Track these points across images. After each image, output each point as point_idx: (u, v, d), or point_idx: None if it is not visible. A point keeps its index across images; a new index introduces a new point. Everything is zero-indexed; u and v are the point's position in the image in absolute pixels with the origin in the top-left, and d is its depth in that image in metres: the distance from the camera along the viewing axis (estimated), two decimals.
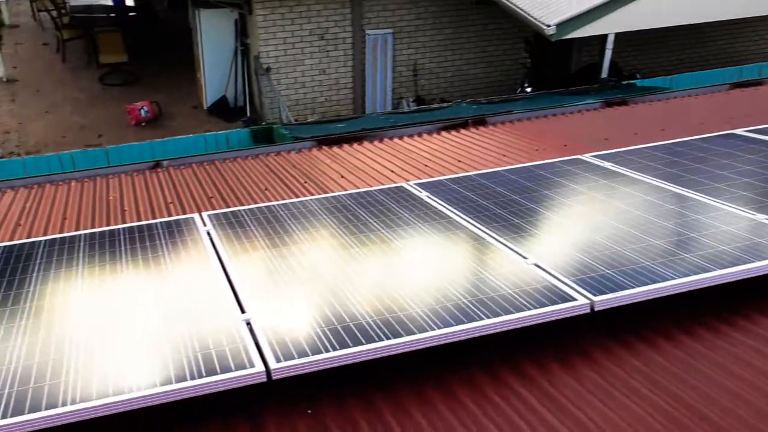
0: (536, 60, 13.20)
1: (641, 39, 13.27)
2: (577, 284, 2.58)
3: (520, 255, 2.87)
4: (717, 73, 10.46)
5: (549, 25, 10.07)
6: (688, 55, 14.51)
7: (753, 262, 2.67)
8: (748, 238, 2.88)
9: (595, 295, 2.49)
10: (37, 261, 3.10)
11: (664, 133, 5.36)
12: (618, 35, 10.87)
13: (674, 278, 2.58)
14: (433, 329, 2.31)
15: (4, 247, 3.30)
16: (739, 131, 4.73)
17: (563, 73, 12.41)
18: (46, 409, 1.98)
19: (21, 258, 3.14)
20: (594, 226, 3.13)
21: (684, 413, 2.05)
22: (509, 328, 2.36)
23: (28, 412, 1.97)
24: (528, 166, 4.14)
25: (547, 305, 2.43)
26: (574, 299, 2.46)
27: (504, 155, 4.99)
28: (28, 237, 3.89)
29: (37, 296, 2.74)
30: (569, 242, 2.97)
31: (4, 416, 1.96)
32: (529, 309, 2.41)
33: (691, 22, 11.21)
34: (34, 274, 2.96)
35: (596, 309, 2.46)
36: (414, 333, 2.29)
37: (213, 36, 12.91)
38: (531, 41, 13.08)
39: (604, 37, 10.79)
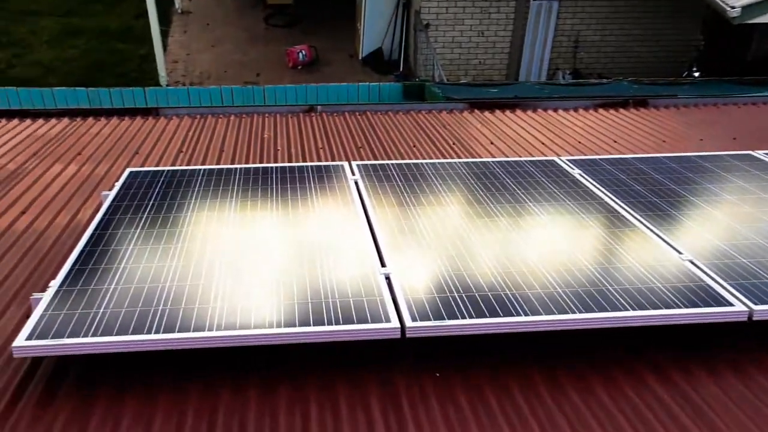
0: (710, 43, 12.31)
1: None
2: (735, 289, 2.40)
3: (675, 249, 2.71)
4: None
5: (734, 7, 9.32)
6: None
7: None
8: None
9: (756, 304, 2.31)
10: (195, 188, 3.27)
11: None
12: None
13: None
14: (573, 312, 2.24)
15: (168, 171, 3.50)
16: None
17: (738, 60, 11.51)
18: (194, 330, 2.10)
19: (182, 183, 3.33)
20: (760, 230, 2.90)
21: None
22: (654, 323, 2.24)
23: (178, 331, 2.09)
24: (692, 155, 3.89)
25: (700, 306, 2.29)
26: (731, 304, 2.30)
27: (664, 141, 4.72)
28: (189, 164, 4.11)
29: (193, 222, 2.90)
30: (730, 243, 2.77)
31: (156, 331, 2.09)
32: (679, 307, 2.28)
33: None
34: (192, 201, 3.12)
35: (754, 318, 2.29)
36: (553, 313, 2.23)
37: None
38: (708, 22, 12.20)
39: None
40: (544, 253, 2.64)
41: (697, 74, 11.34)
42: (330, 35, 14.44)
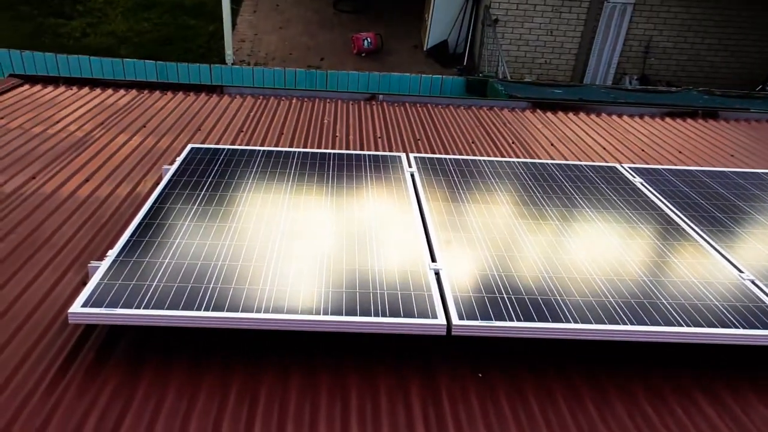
0: None
1: None
2: None
3: (736, 267, 2.63)
4: None
5: None
6: None
7: None
8: None
9: None
10: (253, 169, 3.31)
11: None
12: None
13: None
14: (625, 324, 2.19)
15: (228, 149, 3.55)
16: None
17: None
18: (243, 311, 2.13)
19: (240, 163, 3.37)
20: None
21: None
22: (709, 341, 2.18)
23: (227, 311, 2.13)
24: (761, 172, 3.76)
25: (759, 328, 2.21)
26: None
27: (732, 155, 4.58)
28: (248, 144, 4.16)
29: (248, 202, 2.93)
30: None
31: (207, 308, 2.13)
32: (738, 327, 2.21)
33: None
34: (249, 181, 3.16)
35: None
36: (603, 322, 2.19)
37: None
38: None
39: None
40: (597, 260, 2.59)
41: None
42: (397, 24, 14.42)
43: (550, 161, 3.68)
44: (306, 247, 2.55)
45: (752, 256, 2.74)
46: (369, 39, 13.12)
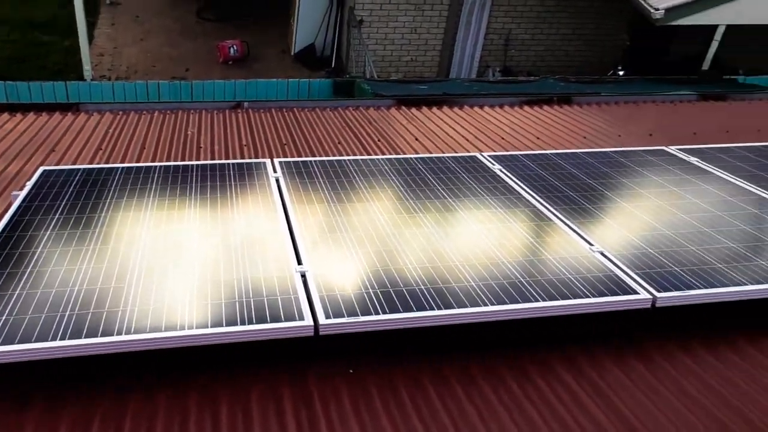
0: (635, 43, 12.69)
1: (753, 34, 12.52)
2: (641, 278, 2.49)
3: (586, 241, 2.79)
4: None
5: (657, 9, 9.63)
6: None
7: None
8: None
9: (659, 291, 2.40)
10: (112, 188, 3.19)
11: (760, 135, 5.09)
12: (728, 28, 10.30)
13: (746, 285, 2.47)
14: (486, 305, 2.28)
15: (83, 170, 3.41)
16: None
17: (661, 60, 11.90)
18: (102, 335, 2.05)
19: (97, 183, 3.24)
20: (667, 222, 3.01)
21: (732, 419, 1.97)
22: (564, 313, 2.30)
23: (84, 337, 2.04)
24: (608, 151, 4.00)
25: (607, 295, 2.36)
26: (636, 293, 2.38)
27: (585, 137, 4.85)
28: (107, 162, 4.01)
29: (108, 222, 2.83)
30: (638, 234, 2.86)
31: (62, 337, 2.03)
32: (589, 297, 2.35)
33: None
34: (107, 201, 3.05)
35: (657, 305, 2.37)
36: (465, 306, 2.26)
37: None
38: (633, 22, 12.56)
39: (713, 28, 10.26)
40: (461, 249, 2.68)
41: (622, 73, 11.68)
42: (263, 30, 14.29)
43: (414, 156, 3.76)
44: (169, 263, 2.49)
45: (601, 229, 2.91)
46: (235, 47, 12.92)
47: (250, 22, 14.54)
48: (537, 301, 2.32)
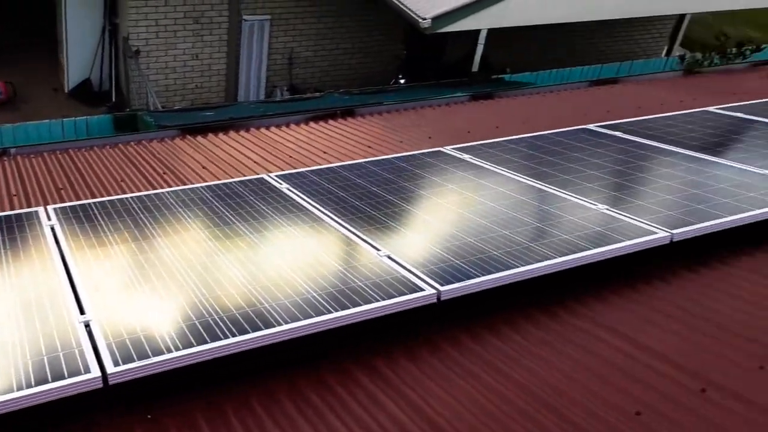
0: (411, 52, 13.39)
1: (514, 35, 13.70)
2: (426, 275, 2.63)
3: (374, 247, 2.90)
4: (578, 72, 11.01)
5: (425, 18, 10.22)
6: (559, 53, 15.11)
7: (590, 249, 2.83)
8: (589, 227, 3.05)
9: (442, 285, 2.55)
10: None
11: (525, 126, 5.57)
12: (491, 31, 11.17)
13: (518, 267, 2.69)
14: (281, 324, 2.29)
15: None
16: (591, 126, 4.99)
17: (437, 65, 12.65)
18: None
19: None
20: (448, 218, 3.21)
21: (515, 392, 2.16)
22: (356, 320, 2.38)
23: None
24: (390, 158, 4.19)
25: (395, 296, 2.47)
26: (422, 289, 2.52)
27: (369, 147, 5.03)
28: None
29: None
30: (423, 233, 3.03)
31: None
32: (378, 301, 2.44)
33: (560, 22, 11.68)
34: None
35: (443, 298, 2.52)
36: (260, 329, 2.27)
37: (78, 13, 12.19)
38: (407, 32, 13.25)
39: (477, 32, 11.08)
40: (248, 271, 2.68)
41: (403, 81, 12.26)
42: (31, 69, 13.30)
43: (200, 185, 3.70)
44: None
45: (387, 234, 3.04)
46: None
47: (17, 57, 13.47)
48: (330, 313, 2.37)
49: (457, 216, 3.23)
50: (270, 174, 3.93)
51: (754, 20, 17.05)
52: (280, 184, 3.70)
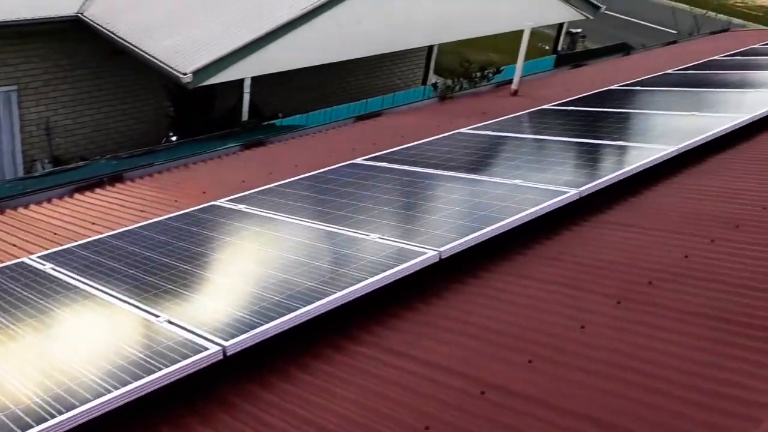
0: (180, 107, 13.13)
1: (282, 80, 13.93)
2: (209, 332, 2.59)
3: (152, 314, 2.80)
4: (345, 109, 11.48)
5: (185, 73, 10.09)
6: (331, 90, 15.55)
7: (367, 279, 2.94)
8: (365, 258, 3.17)
9: (227, 340, 2.52)
10: None
11: (297, 169, 5.68)
12: (257, 78, 11.27)
13: (301, 308, 2.73)
14: (55, 416, 2.13)
15: None
16: (358, 160, 5.22)
17: (208, 118, 12.52)
18: None
19: None
20: (228, 271, 3.19)
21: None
22: (141, 394, 2.28)
23: None
24: (163, 219, 4.08)
25: (179, 361, 2.40)
26: (206, 348, 2.47)
27: (142, 211, 4.86)
28: None
29: None
30: (203, 291, 2.98)
31: None
32: (161, 369, 2.36)
33: (315, 64, 12.07)
34: None
35: (229, 353, 2.49)
36: (31, 427, 2.09)
37: None
38: (172, 89, 12.99)
39: (242, 81, 11.13)
40: (12, 368, 2.47)
41: (174, 138, 11.98)
42: None
43: None
44: None
45: (166, 298, 2.95)
46: None
47: None
48: (110, 392, 2.25)
49: (237, 268, 3.22)
50: (31, 256, 3.66)
51: (495, 46, 18.89)
52: (44, 264, 3.46)
